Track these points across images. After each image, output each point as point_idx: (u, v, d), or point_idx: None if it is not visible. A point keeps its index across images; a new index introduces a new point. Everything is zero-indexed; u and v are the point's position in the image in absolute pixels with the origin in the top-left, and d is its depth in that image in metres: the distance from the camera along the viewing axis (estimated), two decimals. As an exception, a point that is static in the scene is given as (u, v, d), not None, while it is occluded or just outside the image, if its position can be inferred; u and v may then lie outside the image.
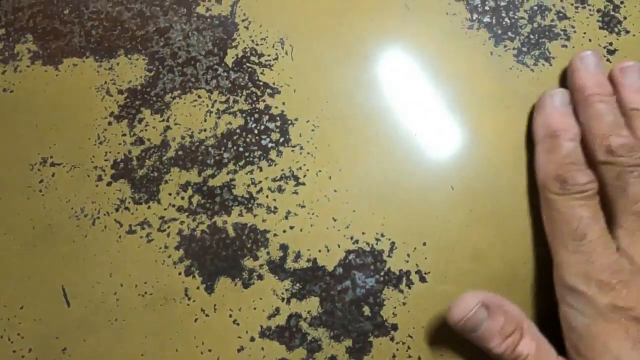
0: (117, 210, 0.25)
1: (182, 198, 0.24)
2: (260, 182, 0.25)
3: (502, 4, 0.27)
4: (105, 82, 0.27)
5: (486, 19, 0.27)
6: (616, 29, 0.27)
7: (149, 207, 0.24)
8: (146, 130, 0.26)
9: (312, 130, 0.25)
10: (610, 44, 0.26)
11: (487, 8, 0.27)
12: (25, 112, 0.27)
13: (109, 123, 0.26)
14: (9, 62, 0.28)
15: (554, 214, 0.21)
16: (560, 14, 0.27)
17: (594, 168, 0.22)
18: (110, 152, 0.26)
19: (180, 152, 0.25)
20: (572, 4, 0.27)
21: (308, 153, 0.25)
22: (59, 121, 0.26)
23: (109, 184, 0.25)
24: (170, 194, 0.25)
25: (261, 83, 0.26)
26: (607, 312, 0.18)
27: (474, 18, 0.27)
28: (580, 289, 0.19)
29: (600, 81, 0.23)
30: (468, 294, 0.20)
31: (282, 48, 0.27)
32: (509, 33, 0.27)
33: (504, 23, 0.27)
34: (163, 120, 0.26)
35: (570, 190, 0.21)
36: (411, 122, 0.25)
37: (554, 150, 0.22)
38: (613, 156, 0.21)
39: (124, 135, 0.26)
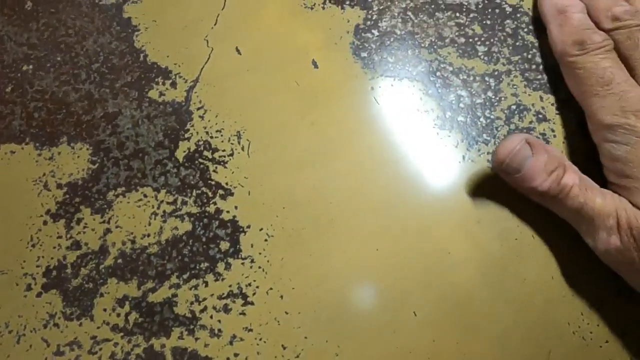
0: (45, 326, 0.22)
1: (118, 315, 0.22)
2: (205, 299, 0.22)
3: (478, 101, 0.25)
4: (44, 174, 0.24)
5: (460, 118, 0.25)
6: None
7: (80, 325, 0.22)
8: (84, 232, 0.23)
9: (265, 240, 0.23)
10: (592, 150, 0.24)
11: (461, 105, 0.25)
12: (-46, 205, 0.24)
13: (44, 222, 0.24)
14: (-58, 145, 0.26)
15: (579, 72, 0.22)
16: (540, 116, 0.25)
17: None
18: (43, 256, 0.23)
19: (119, 261, 0.23)
20: (552, 104, 0.25)
21: (259, 267, 0.22)
22: (-10, 217, 0.24)
23: (38, 294, 0.22)
24: (105, 310, 0.22)
25: (213, 182, 0.24)
26: None
27: (447, 116, 0.25)
28: (619, 123, 0.20)
29: None
30: (513, 134, 0.22)
31: (239, 142, 0.24)
32: (484, 135, 0.24)
33: (479, 123, 0.25)
34: (104, 222, 0.23)
35: (589, 48, 0.22)
36: (373, 235, 0.22)
37: (566, 22, 0.23)
38: (620, 21, 0.22)
39: (60, 237, 0.23)
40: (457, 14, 0.26)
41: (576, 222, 0.21)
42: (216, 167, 0.24)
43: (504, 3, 0.26)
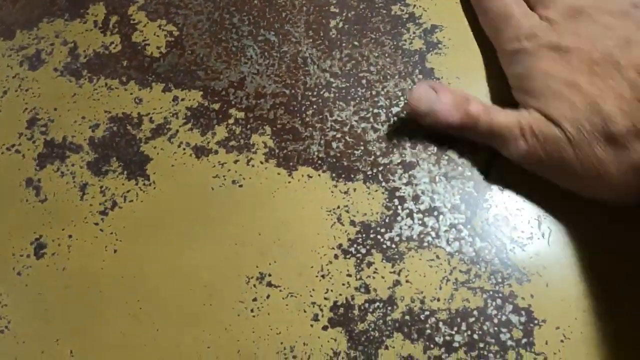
0: (328, 362, 0.22)
1: (401, 374, 0.21)
2: (491, 384, 0.21)
3: None
4: (339, 207, 0.24)
5: None
6: None
7: (363, 372, 0.22)
8: (374, 278, 0.23)
9: (562, 341, 0.21)
10: None
11: None
12: (249, 214, 0.24)
13: (335, 256, 0.23)
14: (243, 151, 0.26)
15: (486, 13, 0.24)
16: None
17: None
18: (332, 290, 0.23)
19: (407, 317, 0.22)
20: None
21: (552, 368, 0.21)
22: (283, 236, 0.24)
23: (324, 327, 0.22)
24: (388, 364, 0.22)
25: (509, 263, 0.23)
26: (544, 50, 0.21)
27: None
28: (516, 48, 0.22)
29: None
30: (418, 83, 0.23)
31: (539, 228, 0.23)
32: None
33: None
34: (394, 272, 0.23)
35: None
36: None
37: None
38: None
39: (349, 275, 0.23)
40: None
41: (492, 141, 0.22)
42: (514, 247, 0.23)
43: None
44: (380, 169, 0.24)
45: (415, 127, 0.25)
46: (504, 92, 0.24)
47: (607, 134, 0.19)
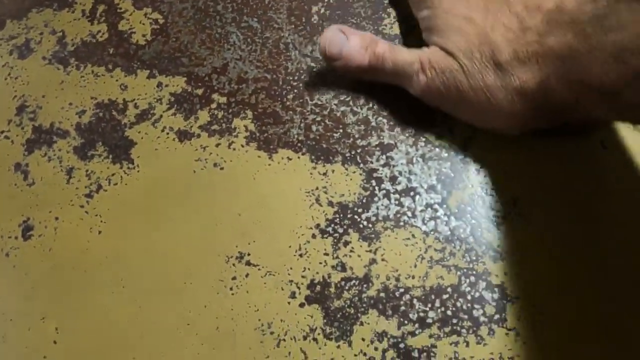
0: (304, 338, 0.22)
1: (376, 349, 0.21)
2: (463, 359, 0.21)
3: None
4: (317, 188, 0.24)
5: None
6: None
7: (338, 347, 0.21)
8: (350, 256, 0.23)
9: (534, 317, 0.21)
10: None
11: None
12: (230, 196, 0.25)
13: (313, 235, 0.24)
14: (225, 135, 0.26)
15: None
16: None
17: None
18: (309, 269, 0.23)
19: (382, 294, 0.22)
20: None
21: (524, 343, 0.21)
22: (262, 216, 0.24)
23: (301, 305, 0.22)
24: (363, 339, 0.21)
25: (484, 242, 0.23)
26: None
27: None
28: None
29: None
30: (328, 27, 0.24)
31: (514, 207, 0.23)
32: None
33: None
34: (370, 251, 0.23)
35: None
36: None
37: None
38: None
39: (327, 254, 0.23)
40: None
41: (398, 79, 0.23)
42: (489, 227, 0.23)
43: None
44: (359, 151, 0.24)
45: (395, 109, 0.25)
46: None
47: (495, 61, 0.20)
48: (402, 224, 0.23)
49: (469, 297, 0.21)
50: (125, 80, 0.28)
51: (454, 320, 0.21)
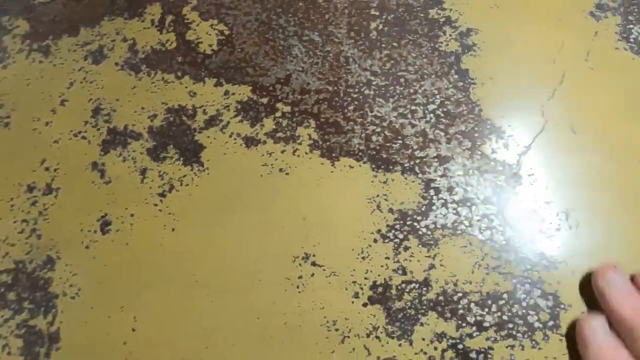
0: (368, 336, 0.23)
1: (435, 349, 0.23)
2: (519, 361, 0.22)
3: None
4: (378, 195, 0.26)
5: None
6: None
7: (399, 345, 0.23)
8: (410, 261, 0.24)
9: (586, 324, 0.23)
10: None
11: None
12: (295, 200, 0.26)
13: (375, 240, 0.25)
14: (289, 142, 0.28)
15: None
16: None
17: None
18: (371, 271, 0.24)
19: (441, 298, 0.23)
20: None
21: (576, 350, 0.22)
22: (326, 220, 0.25)
23: (364, 304, 0.24)
24: (423, 339, 0.23)
25: (538, 252, 0.24)
26: None
27: None
28: None
29: (636, 306, 0.21)
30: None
31: (566, 220, 0.24)
32: None
33: None
34: (429, 257, 0.24)
35: None
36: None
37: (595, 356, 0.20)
38: None
39: (387, 258, 0.25)
40: None
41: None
42: (542, 237, 0.24)
43: None
44: (417, 161, 0.26)
45: (450, 124, 0.26)
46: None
47: None
48: (459, 232, 0.24)
49: (524, 304, 0.22)
50: (193, 88, 0.29)
51: (510, 325, 0.22)
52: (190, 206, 0.26)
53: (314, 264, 0.24)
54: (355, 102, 0.28)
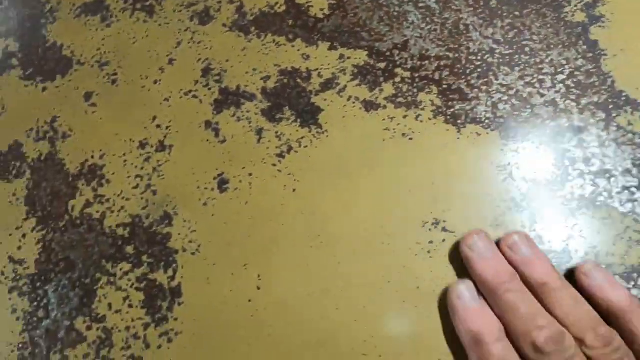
0: (506, 304, 0.23)
1: (579, 320, 0.22)
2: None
3: None
4: (509, 164, 0.25)
5: None
6: None
7: (540, 315, 0.23)
8: (547, 230, 0.23)
9: None
10: None
11: None
12: (421, 165, 0.25)
13: (508, 208, 0.24)
14: (411, 107, 0.27)
15: None
16: None
17: None
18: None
19: (582, 269, 0.23)
20: None
21: None
22: (455, 187, 0.25)
23: (500, 272, 0.23)
24: (565, 310, 0.22)
25: (685, 226, 0.23)
26: None
27: None
28: None
29: (498, 268, 0.21)
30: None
31: None
32: None
33: None
34: (567, 227, 0.23)
35: None
36: None
37: (485, 356, 0.20)
38: (542, 354, 0.19)
39: (523, 227, 0.24)
40: None
41: None
42: (688, 212, 0.23)
43: None
44: (548, 131, 0.25)
45: (581, 94, 0.25)
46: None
47: None
48: (598, 204, 0.23)
49: (671, 279, 0.22)
50: (306, 51, 0.29)
51: (658, 300, 0.21)
52: (311, 168, 0.26)
53: (444, 229, 0.23)
54: (479, 70, 0.27)
